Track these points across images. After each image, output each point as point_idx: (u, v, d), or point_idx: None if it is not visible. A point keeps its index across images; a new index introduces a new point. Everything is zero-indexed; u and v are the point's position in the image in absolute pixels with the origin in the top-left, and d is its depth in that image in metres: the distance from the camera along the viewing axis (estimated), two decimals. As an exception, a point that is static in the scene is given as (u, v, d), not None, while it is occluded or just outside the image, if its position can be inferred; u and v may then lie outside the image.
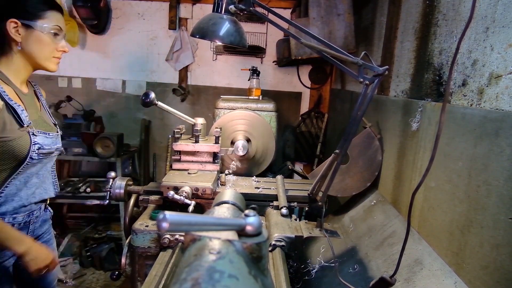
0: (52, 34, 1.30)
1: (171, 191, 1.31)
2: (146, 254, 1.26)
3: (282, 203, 1.44)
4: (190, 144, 1.54)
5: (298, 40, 1.22)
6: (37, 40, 1.28)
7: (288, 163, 2.57)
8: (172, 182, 1.38)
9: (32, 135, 1.30)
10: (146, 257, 1.27)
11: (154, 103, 1.53)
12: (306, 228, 1.34)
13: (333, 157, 1.28)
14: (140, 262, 1.27)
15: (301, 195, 1.54)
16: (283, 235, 1.24)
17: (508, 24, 1.05)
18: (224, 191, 0.98)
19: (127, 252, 1.28)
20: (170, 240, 1.21)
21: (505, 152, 0.97)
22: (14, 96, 1.30)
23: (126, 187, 1.45)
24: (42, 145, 1.33)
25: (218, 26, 1.35)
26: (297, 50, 2.33)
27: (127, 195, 1.45)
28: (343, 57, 1.19)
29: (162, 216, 0.46)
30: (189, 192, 1.34)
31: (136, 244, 1.25)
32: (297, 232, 1.28)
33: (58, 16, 1.33)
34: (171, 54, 3.73)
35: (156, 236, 1.24)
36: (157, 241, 1.24)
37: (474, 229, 1.08)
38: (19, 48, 1.27)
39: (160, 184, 1.39)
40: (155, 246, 1.25)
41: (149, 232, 1.25)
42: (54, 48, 1.33)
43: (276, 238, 1.22)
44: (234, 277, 0.44)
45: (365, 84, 1.18)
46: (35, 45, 1.28)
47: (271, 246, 1.20)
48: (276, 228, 1.28)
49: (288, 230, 1.27)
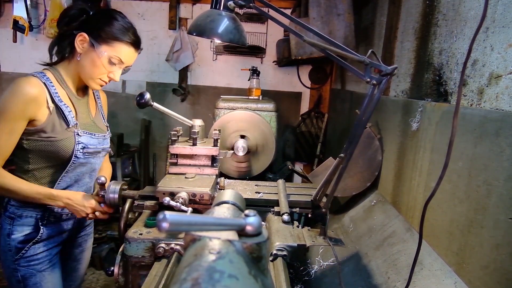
0: (109, 62, 1.37)
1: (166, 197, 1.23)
2: (140, 264, 1.18)
3: (284, 209, 1.36)
4: (187, 147, 1.46)
5: (301, 38, 1.14)
6: (92, 60, 1.36)
7: (288, 163, 2.57)
8: (168, 188, 1.31)
9: (76, 135, 1.38)
10: (140, 267, 1.19)
11: (150, 104, 1.47)
12: (308, 236, 1.26)
13: (338, 161, 1.20)
14: (133, 272, 1.19)
15: (303, 200, 1.46)
16: (284, 243, 1.16)
17: (508, 24, 1.05)
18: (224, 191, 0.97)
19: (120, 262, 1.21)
20: (165, 250, 1.13)
21: (505, 152, 0.97)
22: (66, 98, 1.39)
23: (120, 191, 1.38)
24: (86, 144, 1.41)
25: (216, 23, 1.28)
26: (297, 50, 2.33)
27: (121, 200, 1.38)
28: (348, 55, 1.11)
29: (162, 216, 0.46)
30: (185, 198, 1.27)
31: (129, 253, 1.17)
32: (300, 240, 1.20)
33: (129, 51, 1.39)
34: (171, 54, 3.73)
35: (150, 245, 1.16)
36: (152, 250, 1.16)
37: (474, 229, 1.08)
38: (78, 59, 1.37)
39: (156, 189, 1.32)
40: (149, 255, 1.16)
41: (143, 241, 1.16)
42: (104, 73, 1.40)
43: (278, 247, 1.14)
44: (234, 277, 0.44)
45: (372, 84, 1.10)
46: (89, 63, 1.36)
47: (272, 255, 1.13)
48: (277, 236, 1.21)
49: (290, 238, 1.19)
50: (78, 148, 1.38)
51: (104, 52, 1.34)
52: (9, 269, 1.40)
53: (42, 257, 1.42)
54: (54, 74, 1.37)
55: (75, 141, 1.37)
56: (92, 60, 1.35)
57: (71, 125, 1.36)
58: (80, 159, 1.40)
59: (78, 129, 1.39)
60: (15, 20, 3.36)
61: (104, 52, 1.34)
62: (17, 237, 1.38)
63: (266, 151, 2.12)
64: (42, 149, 1.33)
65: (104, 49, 1.34)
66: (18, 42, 3.61)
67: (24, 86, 1.26)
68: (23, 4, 3.31)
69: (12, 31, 3.50)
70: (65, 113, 1.35)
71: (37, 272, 1.41)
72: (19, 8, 3.35)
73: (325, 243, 1.24)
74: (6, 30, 3.61)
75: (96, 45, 1.33)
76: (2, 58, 3.86)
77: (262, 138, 2.10)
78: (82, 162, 1.43)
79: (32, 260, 1.40)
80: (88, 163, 1.46)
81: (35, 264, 1.40)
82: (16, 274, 1.39)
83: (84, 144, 1.40)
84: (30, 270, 1.40)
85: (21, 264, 1.39)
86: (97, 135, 1.48)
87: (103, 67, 1.37)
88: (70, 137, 1.36)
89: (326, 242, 1.24)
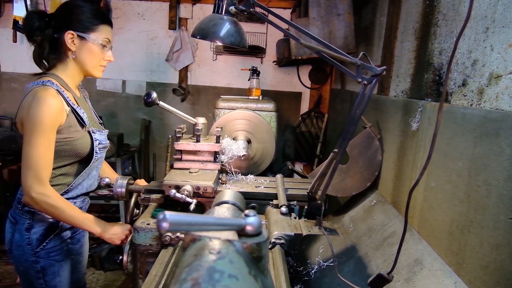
0: (101, 45, 1.44)
1: (172, 189, 1.32)
2: (147, 251, 1.27)
3: (282, 201, 1.45)
4: (191, 144, 1.56)
5: (298, 41, 1.23)
6: (89, 50, 1.43)
7: (288, 163, 2.57)
8: (173, 181, 1.40)
9: (92, 133, 1.47)
10: (147, 255, 1.28)
11: (156, 103, 1.55)
12: (305, 226, 1.35)
13: (332, 156, 1.30)
14: (141, 259, 1.28)
15: (300, 194, 1.55)
16: (282, 233, 1.25)
17: (508, 24, 1.05)
18: (224, 191, 0.98)
19: (129, 250, 1.30)
20: (172, 238, 1.22)
21: (505, 152, 0.97)
22: (73, 100, 1.46)
23: (127, 186, 1.46)
24: (100, 141, 1.51)
25: (218, 27, 1.37)
26: (297, 50, 2.33)
27: (128, 194, 1.47)
28: (342, 58, 1.21)
29: (162, 216, 0.46)
30: (190, 191, 1.35)
31: (138, 242, 1.26)
32: (297, 230, 1.29)
33: (108, 29, 1.48)
34: (171, 54, 3.73)
35: (157, 234, 1.25)
36: (159, 239, 1.25)
37: (474, 229, 1.08)
38: (73, 57, 1.43)
39: (162, 183, 1.41)
40: (157, 244, 1.26)
41: (150, 230, 1.26)
42: (101, 58, 1.48)
43: (276, 236, 1.24)
44: (234, 277, 0.44)
45: (364, 84, 1.20)
46: (87, 54, 1.43)
47: (270, 243, 1.21)
48: (275, 226, 1.29)
49: (287, 228, 1.28)
50: (97, 145, 1.48)
51: (96, 39, 1.42)
52: (27, 262, 1.45)
53: (61, 248, 1.51)
54: (57, 80, 1.41)
55: (92, 139, 1.46)
56: (89, 51, 1.42)
57: (86, 125, 1.45)
58: (98, 155, 1.50)
59: (91, 128, 1.48)
60: (15, 20, 3.36)
61: (96, 39, 1.42)
62: (38, 231, 1.44)
63: (266, 151, 2.12)
64: (58, 149, 1.39)
65: (94, 36, 1.41)
66: (18, 42, 3.60)
67: (49, 98, 1.31)
68: (23, 4, 3.31)
69: (12, 31, 3.50)
70: (80, 114, 1.43)
71: (56, 262, 1.49)
72: (19, 8, 3.34)
73: (320, 232, 1.33)
74: (6, 30, 3.61)
75: (86, 36, 1.40)
76: (2, 58, 3.86)
77: (262, 138, 2.10)
78: (98, 157, 1.52)
79: (52, 251, 1.48)
80: (101, 157, 1.56)
81: (54, 255, 1.48)
82: (35, 266, 1.45)
83: (99, 141, 1.50)
84: (50, 261, 1.47)
85: (41, 256, 1.45)
86: (103, 131, 1.57)
87: (101, 53, 1.45)
88: (86, 136, 1.45)
89: (321, 232, 1.33)
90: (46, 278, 1.47)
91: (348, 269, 1.55)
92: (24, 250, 1.44)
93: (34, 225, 1.44)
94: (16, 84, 3.86)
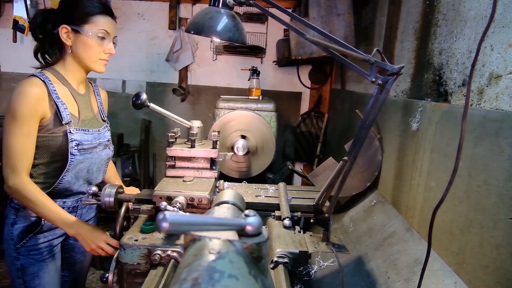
0: (98, 38, 1.38)
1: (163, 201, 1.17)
2: (135, 271, 1.12)
3: (285, 213, 1.31)
4: (185, 149, 1.40)
5: (303, 36, 1.09)
6: (84, 44, 1.37)
7: (288, 163, 2.57)
8: (165, 192, 1.25)
9: (69, 133, 1.37)
10: (135, 275, 1.13)
11: (146, 104, 1.43)
12: (311, 242, 1.21)
13: (342, 164, 1.15)
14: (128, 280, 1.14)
15: (305, 204, 1.40)
16: (286, 250, 1.11)
17: (508, 24, 1.05)
18: (224, 191, 0.96)
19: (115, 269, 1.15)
20: (162, 257, 1.08)
21: (505, 152, 0.97)
22: (67, 96, 1.41)
23: (116, 194, 1.33)
24: (80, 141, 1.40)
25: (215, 21, 1.23)
26: (297, 50, 2.33)
27: (117, 204, 1.34)
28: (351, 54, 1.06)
29: (162, 216, 0.46)
30: (183, 203, 1.21)
31: (124, 261, 1.11)
32: (302, 246, 1.15)
33: (106, 20, 1.40)
34: (171, 54, 3.73)
35: (146, 251, 1.11)
36: (147, 257, 1.10)
37: (474, 229, 1.08)
38: (70, 51, 1.39)
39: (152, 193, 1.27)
40: (145, 262, 1.11)
41: (138, 247, 1.10)
42: (100, 51, 1.41)
43: (279, 254, 1.09)
44: (234, 277, 0.44)
45: (378, 84, 1.04)
46: (82, 48, 1.38)
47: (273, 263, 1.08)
48: (278, 242, 1.16)
49: (291, 245, 1.14)
50: (73, 146, 1.38)
51: (90, 31, 1.36)
52: (10, 257, 1.44)
53: (42, 248, 1.46)
54: (53, 74, 1.39)
55: (67, 139, 1.37)
56: (84, 44, 1.37)
57: (64, 122, 1.36)
58: (77, 156, 1.40)
59: (71, 127, 1.38)
60: (15, 20, 3.35)
61: (90, 31, 1.36)
62: (19, 227, 1.42)
63: (266, 151, 2.12)
64: (45, 144, 1.36)
65: (87, 28, 1.35)
66: (18, 42, 3.60)
67: (28, 87, 1.29)
68: (23, 4, 3.31)
69: (12, 31, 3.49)
70: (60, 109, 1.36)
71: (36, 262, 1.45)
72: (19, 8, 3.34)
73: (328, 249, 1.19)
74: (6, 30, 3.61)
75: (79, 29, 1.35)
76: (2, 58, 3.86)
77: (262, 138, 2.10)
78: (80, 159, 1.42)
79: (32, 250, 1.44)
80: (88, 160, 1.46)
81: (34, 254, 1.44)
82: (16, 263, 1.43)
83: (78, 141, 1.39)
84: (30, 260, 1.44)
85: (21, 253, 1.43)
86: (91, 131, 1.47)
87: (97, 45, 1.39)
88: (63, 135, 1.37)
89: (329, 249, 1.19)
90: (25, 278, 1.44)
91: (348, 269, 1.55)
92: (8, 245, 1.43)
93: (17, 221, 1.42)
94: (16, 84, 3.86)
